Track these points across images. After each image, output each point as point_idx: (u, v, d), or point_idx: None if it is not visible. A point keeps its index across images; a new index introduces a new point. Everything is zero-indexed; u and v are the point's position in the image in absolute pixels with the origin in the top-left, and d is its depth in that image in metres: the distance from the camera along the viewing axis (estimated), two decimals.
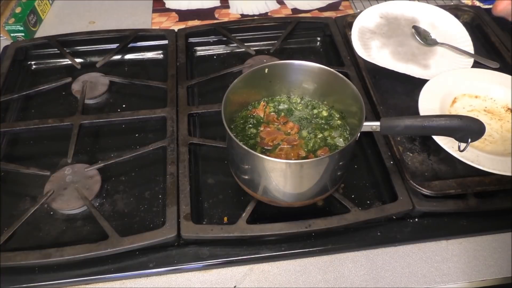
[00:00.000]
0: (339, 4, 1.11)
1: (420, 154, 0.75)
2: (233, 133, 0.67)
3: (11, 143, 0.79)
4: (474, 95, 0.83)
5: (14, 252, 0.60)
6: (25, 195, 0.70)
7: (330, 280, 0.62)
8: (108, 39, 0.94)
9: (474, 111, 0.81)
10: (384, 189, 0.70)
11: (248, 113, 0.70)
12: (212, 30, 0.97)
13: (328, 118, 0.70)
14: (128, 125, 0.81)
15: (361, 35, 0.92)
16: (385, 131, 0.60)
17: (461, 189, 0.66)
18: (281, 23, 0.99)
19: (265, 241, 0.64)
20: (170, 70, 0.86)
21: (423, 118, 0.60)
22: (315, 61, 0.67)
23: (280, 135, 0.66)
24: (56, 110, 0.84)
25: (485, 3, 1.08)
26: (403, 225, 0.66)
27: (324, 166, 0.58)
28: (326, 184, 0.62)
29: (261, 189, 0.63)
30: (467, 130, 0.58)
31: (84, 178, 0.70)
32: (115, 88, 0.88)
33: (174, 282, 0.62)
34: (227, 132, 0.59)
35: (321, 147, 0.65)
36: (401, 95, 0.85)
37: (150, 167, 0.74)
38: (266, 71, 0.68)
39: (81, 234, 0.66)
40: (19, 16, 0.98)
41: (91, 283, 0.61)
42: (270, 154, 0.64)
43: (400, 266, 0.64)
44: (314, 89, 0.71)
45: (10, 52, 0.91)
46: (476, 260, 0.64)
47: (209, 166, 0.75)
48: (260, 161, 0.58)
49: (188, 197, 0.66)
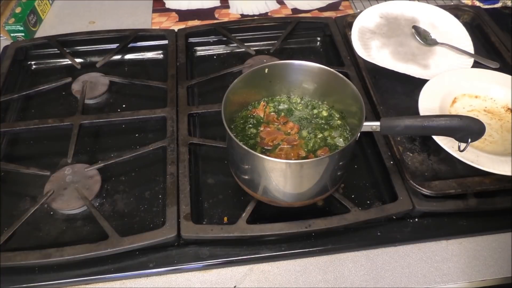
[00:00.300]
0: (339, 4, 1.11)
1: (420, 154, 0.75)
2: (233, 133, 0.67)
3: (11, 143, 0.79)
4: (474, 95, 0.82)
5: (14, 252, 0.60)
6: (25, 195, 0.70)
7: (330, 280, 0.62)
8: (108, 39, 0.94)
9: (474, 111, 0.81)
10: (384, 189, 0.70)
11: (248, 113, 0.70)
12: (212, 30, 0.97)
13: (328, 118, 0.70)
14: (128, 125, 0.81)
15: (361, 35, 0.92)
16: (385, 131, 0.60)
17: (461, 189, 0.66)
18: (281, 23, 0.99)
19: (265, 241, 0.64)
20: (170, 70, 0.86)
21: (423, 118, 0.60)
22: (315, 61, 0.67)
23: (280, 135, 0.66)
24: (56, 110, 0.84)
25: (485, 3, 1.08)
26: (403, 225, 0.67)
27: (324, 166, 0.58)
28: (326, 184, 0.62)
29: (261, 189, 0.63)
30: (467, 130, 0.58)
31: (84, 178, 0.70)
32: (115, 88, 0.88)
33: (174, 282, 0.62)
34: (227, 132, 0.59)
35: (321, 147, 0.65)
36: (401, 95, 0.85)
37: (150, 167, 0.74)
38: (266, 71, 0.68)
39: (81, 234, 0.66)
40: (19, 16, 0.98)
41: (91, 283, 0.61)
42: (270, 154, 0.64)
43: (400, 266, 0.64)
44: (314, 89, 0.71)
45: (10, 52, 0.91)
46: (476, 260, 0.64)
47: (209, 166, 0.75)
48: (260, 161, 0.58)
49: (188, 197, 0.66)
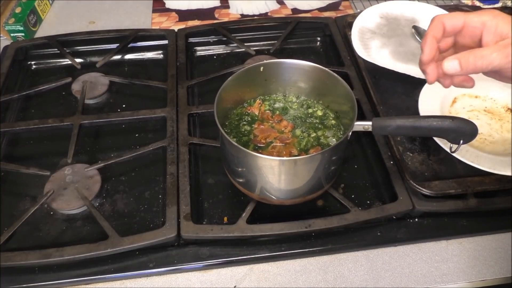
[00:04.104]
0: (339, 4, 1.11)
1: (420, 154, 0.74)
2: (227, 129, 0.67)
3: (11, 143, 0.79)
4: (474, 95, 0.82)
5: (14, 252, 0.60)
6: (25, 195, 0.70)
7: (330, 280, 0.62)
8: (108, 39, 0.94)
9: (474, 111, 0.81)
10: (384, 189, 0.70)
11: (243, 110, 0.70)
12: (212, 30, 0.97)
13: (322, 118, 0.70)
14: (128, 125, 0.80)
15: (361, 35, 0.92)
16: (377, 131, 0.60)
17: (461, 189, 0.66)
18: (281, 23, 0.99)
19: (265, 241, 0.64)
20: (170, 70, 0.86)
21: (414, 118, 0.59)
22: (315, 61, 0.67)
23: (274, 133, 0.66)
24: (56, 110, 0.84)
25: (485, 3, 1.08)
26: (403, 225, 0.66)
27: (316, 164, 0.58)
28: (316, 183, 0.62)
29: (253, 187, 0.62)
30: (458, 132, 0.58)
31: (84, 178, 0.70)
32: (115, 88, 0.88)
33: (174, 282, 0.62)
34: (219, 129, 0.58)
35: (313, 146, 0.65)
36: (401, 95, 0.85)
37: (150, 167, 0.74)
38: (261, 69, 0.68)
39: (81, 234, 0.66)
40: (19, 16, 0.98)
41: (91, 283, 0.61)
42: (263, 152, 0.64)
43: (400, 266, 0.64)
44: (310, 88, 0.71)
45: (10, 52, 0.91)
46: (476, 260, 0.64)
47: (209, 166, 0.75)
48: (250, 158, 0.58)
49: (188, 197, 0.66)
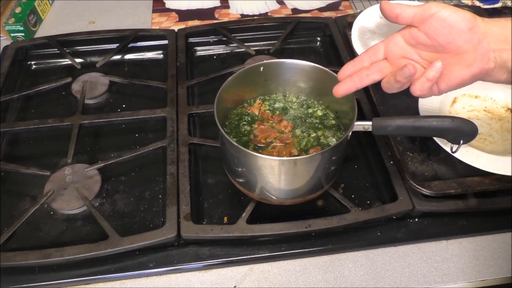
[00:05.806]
0: (339, 4, 1.11)
1: (420, 154, 0.74)
2: (227, 129, 0.67)
3: (11, 143, 0.79)
4: (474, 95, 0.82)
5: (14, 252, 0.60)
6: (25, 195, 0.70)
7: (330, 280, 0.62)
8: (108, 39, 0.94)
9: (474, 111, 0.81)
10: (384, 189, 0.70)
11: (243, 110, 0.70)
12: (212, 30, 0.97)
13: (323, 118, 0.70)
14: (128, 125, 0.81)
15: (361, 35, 0.92)
16: (377, 131, 0.60)
17: (461, 189, 0.66)
18: (281, 23, 0.99)
19: (265, 241, 0.64)
20: (170, 70, 0.86)
21: (414, 118, 0.59)
22: (315, 61, 0.67)
23: (274, 133, 0.66)
24: (56, 110, 0.84)
25: (485, 3, 1.08)
26: (403, 225, 0.67)
27: (316, 164, 0.58)
28: (316, 183, 0.62)
29: (253, 187, 0.63)
30: (458, 132, 0.58)
31: (84, 178, 0.70)
32: (115, 88, 0.88)
33: (174, 282, 0.62)
34: (219, 129, 0.58)
35: (313, 146, 0.65)
36: (401, 95, 0.83)
37: (150, 167, 0.74)
38: (261, 69, 0.68)
39: (81, 234, 0.66)
40: (19, 16, 0.98)
41: (91, 283, 0.61)
42: (263, 152, 0.64)
43: (400, 266, 0.64)
44: (310, 88, 0.71)
45: (10, 52, 0.91)
46: (476, 260, 0.64)
47: (209, 166, 0.75)
48: (250, 158, 0.58)
49: (188, 197, 0.66)
